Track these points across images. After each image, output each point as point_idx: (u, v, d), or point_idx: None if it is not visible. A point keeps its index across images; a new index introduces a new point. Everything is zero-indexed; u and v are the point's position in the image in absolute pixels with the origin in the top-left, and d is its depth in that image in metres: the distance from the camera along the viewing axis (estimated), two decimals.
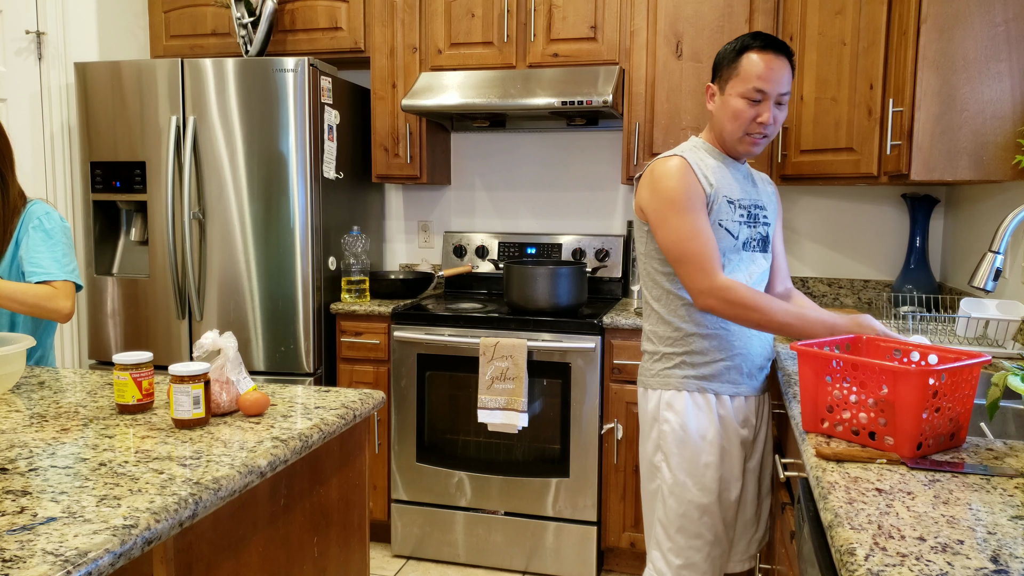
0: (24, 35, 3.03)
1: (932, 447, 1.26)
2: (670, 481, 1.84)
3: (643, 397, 1.92)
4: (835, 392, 1.36)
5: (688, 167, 1.77)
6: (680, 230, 1.74)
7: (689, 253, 1.72)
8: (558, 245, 3.29)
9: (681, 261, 1.74)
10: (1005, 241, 1.56)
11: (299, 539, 1.40)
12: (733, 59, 1.80)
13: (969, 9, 2.07)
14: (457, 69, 3.06)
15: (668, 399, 1.84)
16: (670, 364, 1.85)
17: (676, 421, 1.83)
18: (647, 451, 1.91)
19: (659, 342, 1.87)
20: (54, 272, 1.96)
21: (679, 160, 1.79)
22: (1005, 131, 2.08)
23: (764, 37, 1.79)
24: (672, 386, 1.84)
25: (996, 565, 0.88)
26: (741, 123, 1.80)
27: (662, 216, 1.77)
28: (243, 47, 3.15)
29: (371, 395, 1.63)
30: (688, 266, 1.73)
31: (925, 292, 2.76)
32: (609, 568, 2.92)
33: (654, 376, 1.88)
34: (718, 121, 1.85)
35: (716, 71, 1.86)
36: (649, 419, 1.89)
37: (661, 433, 1.85)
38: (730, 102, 1.80)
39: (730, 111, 1.80)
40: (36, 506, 1.02)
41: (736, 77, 1.79)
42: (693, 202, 1.75)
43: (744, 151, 1.85)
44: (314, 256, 2.92)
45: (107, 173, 3.01)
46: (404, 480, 2.93)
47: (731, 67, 1.80)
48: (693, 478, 1.82)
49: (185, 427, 1.38)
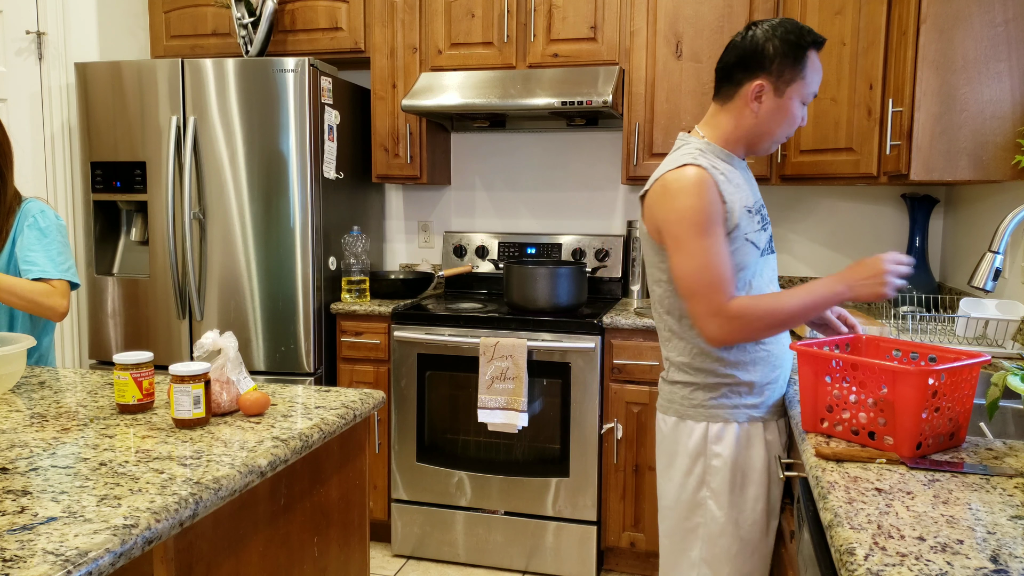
0: (24, 35, 3.03)
1: (932, 447, 1.26)
2: (721, 520, 1.66)
3: (678, 428, 1.69)
4: (835, 392, 1.36)
5: (709, 180, 1.54)
6: (695, 257, 1.53)
7: (702, 284, 1.53)
8: (558, 245, 3.29)
9: (691, 293, 1.55)
10: (1005, 241, 1.56)
11: (299, 539, 1.40)
12: (797, 58, 1.56)
13: (969, 9, 2.08)
14: (457, 69, 3.06)
15: (716, 432, 1.65)
16: (715, 394, 1.65)
17: (728, 455, 1.64)
18: (687, 486, 1.69)
19: (694, 373, 1.66)
20: (49, 270, 1.96)
21: (696, 172, 1.55)
22: (1005, 131, 2.08)
23: (815, 32, 1.59)
24: (721, 418, 1.64)
25: (996, 565, 0.88)
26: (793, 126, 1.63)
27: (678, 239, 1.55)
28: (243, 47, 3.15)
29: (371, 395, 1.63)
30: (698, 299, 1.54)
31: (925, 292, 2.77)
32: (609, 568, 2.92)
33: (696, 407, 1.66)
34: (764, 123, 1.61)
35: (766, 68, 1.57)
36: (691, 453, 1.67)
37: (710, 469, 1.66)
38: (788, 106, 1.59)
39: (787, 115, 1.60)
40: (36, 506, 1.02)
41: (801, 80, 1.58)
42: (712, 222, 1.54)
43: (765, 152, 1.69)
44: (314, 256, 2.92)
45: (107, 173, 3.01)
46: (404, 480, 2.94)
47: (795, 68, 1.57)
48: (743, 514, 1.66)
49: (185, 427, 1.38)
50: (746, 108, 1.61)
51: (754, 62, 1.58)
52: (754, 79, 1.59)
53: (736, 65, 1.61)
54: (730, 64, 1.62)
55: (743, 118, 1.62)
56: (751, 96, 1.59)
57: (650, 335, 2.71)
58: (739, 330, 1.53)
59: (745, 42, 1.60)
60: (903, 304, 2.73)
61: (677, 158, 1.61)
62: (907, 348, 1.48)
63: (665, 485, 1.75)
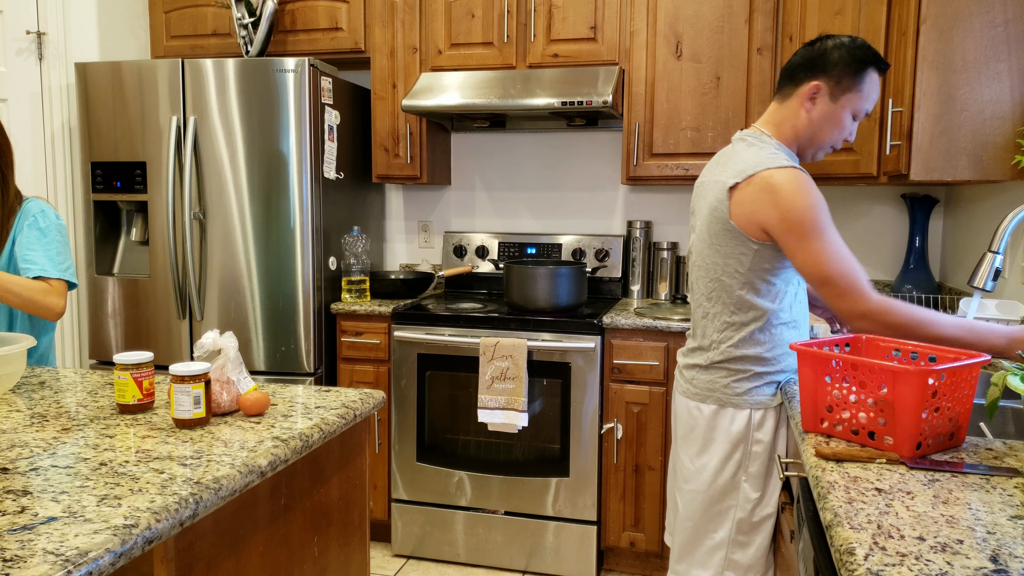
0: (25, 35, 3.03)
1: (931, 447, 1.26)
2: (754, 499, 1.77)
3: (718, 415, 1.77)
4: (835, 392, 1.36)
5: (811, 180, 1.64)
6: (826, 252, 1.60)
7: (839, 274, 1.59)
8: (558, 245, 3.29)
9: (830, 282, 1.60)
10: (1004, 241, 1.57)
11: (299, 539, 1.40)
12: (858, 70, 1.67)
13: (969, 9, 2.08)
14: (457, 69, 3.06)
15: (759, 419, 1.75)
16: (759, 383, 1.75)
17: (768, 440, 1.75)
18: (725, 471, 1.77)
19: (746, 362, 1.74)
20: (48, 269, 1.96)
21: (800, 174, 1.63)
22: (1004, 131, 2.08)
23: (881, 56, 1.71)
24: (762, 405, 1.75)
25: (995, 565, 0.88)
26: (840, 137, 1.72)
27: (803, 238, 1.61)
28: (243, 47, 3.15)
29: (371, 395, 1.63)
30: (836, 287, 1.59)
31: (925, 292, 2.77)
32: (609, 567, 2.93)
33: (740, 395, 1.75)
34: (815, 124, 1.71)
35: (827, 71, 1.68)
36: (733, 439, 1.76)
37: (750, 454, 1.76)
38: (840, 113, 1.69)
39: (838, 121, 1.70)
40: (37, 506, 1.02)
41: (856, 91, 1.68)
42: (828, 219, 1.62)
43: (816, 159, 1.78)
44: (314, 256, 2.92)
45: (108, 173, 3.01)
46: (404, 480, 2.94)
47: (853, 79, 1.67)
48: (768, 492, 1.77)
49: (186, 427, 1.38)
50: (800, 108, 1.70)
51: (817, 64, 1.68)
52: (813, 79, 1.68)
53: (800, 65, 1.71)
54: (795, 64, 1.72)
55: (797, 118, 1.71)
56: (806, 95, 1.68)
57: (650, 335, 2.71)
58: (883, 325, 1.57)
59: (814, 48, 1.70)
60: None
61: (766, 157, 1.66)
62: (907, 348, 1.48)
63: (697, 470, 1.80)
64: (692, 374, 1.82)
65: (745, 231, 1.68)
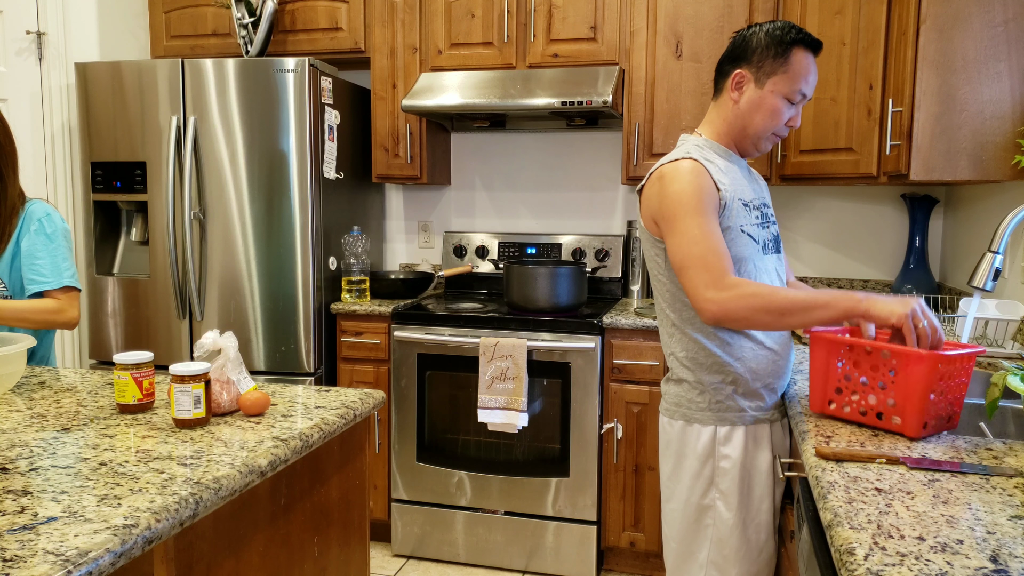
0: (25, 35, 3.03)
1: (932, 428, 1.36)
2: (730, 521, 1.67)
3: (686, 431, 1.70)
4: (845, 375, 1.44)
5: (702, 169, 1.58)
6: (688, 234, 1.53)
7: (695, 257, 1.52)
8: (558, 245, 3.29)
9: (684, 268, 1.53)
10: (1004, 241, 1.57)
11: (299, 539, 1.40)
12: (781, 52, 1.60)
13: (969, 9, 2.08)
14: (457, 69, 3.06)
15: (725, 435, 1.66)
16: (721, 396, 1.66)
17: (736, 457, 1.66)
18: (696, 489, 1.69)
19: (697, 369, 1.66)
20: (52, 281, 1.99)
21: (690, 162, 1.58)
22: (1004, 131, 2.08)
23: (807, 33, 1.63)
24: (728, 421, 1.66)
25: (995, 565, 0.88)
26: (775, 123, 1.64)
27: (670, 221, 1.57)
28: (243, 47, 3.15)
29: (371, 395, 1.63)
30: (692, 272, 1.52)
31: (925, 292, 2.77)
32: (609, 567, 2.93)
33: (704, 410, 1.67)
34: (744, 114, 1.65)
35: (748, 58, 1.63)
36: (700, 455, 1.68)
37: (719, 471, 1.67)
38: (769, 99, 1.62)
39: (768, 108, 1.63)
40: (37, 506, 1.02)
41: (783, 73, 1.61)
42: (705, 204, 1.55)
43: (760, 150, 1.70)
44: (314, 256, 2.92)
45: (107, 173, 3.01)
46: (404, 480, 2.94)
47: (777, 61, 1.61)
48: (750, 514, 1.68)
49: (186, 427, 1.38)
50: (728, 100, 1.68)
51: (738, 54, 1.66)
52: (735, 68, 1.66)
53: (726, 57, 1.70)
54: (723, 58, 1.71)
55: (726, 109, 1.68)
56: (732, 86, 1.66)
57: (650, 335, 2.71)
58: (734, 301, 1.49)
59: (737, 38, 1.68)
60: None
61: (674, 153, 1.67)
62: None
63: (673, 488, 1.75)
64: (664, 387, 1.78)
65: (650, 231, 1.67)
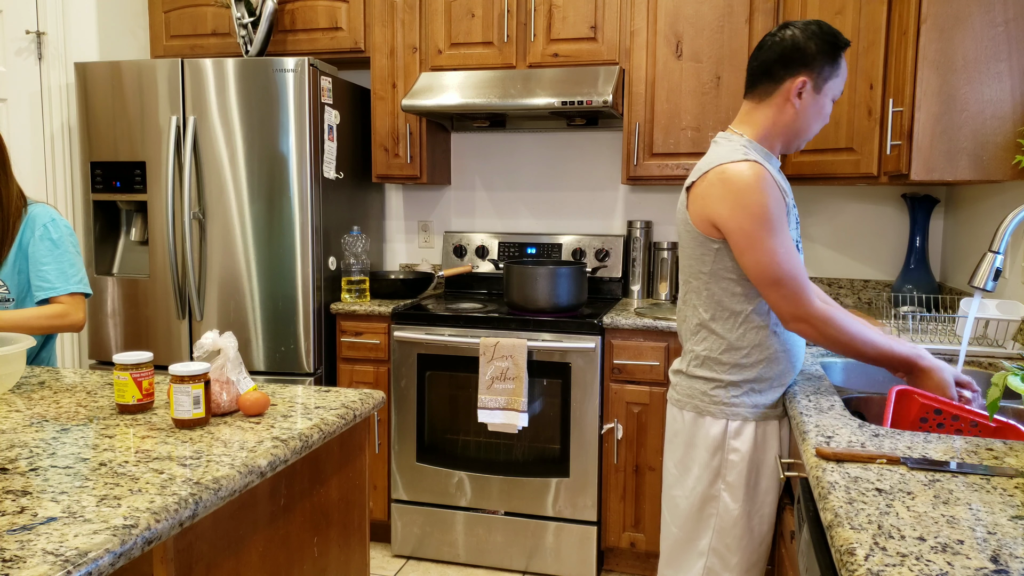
0: (24, 35, 3.03)
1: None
2: (735, 512, 1.71)
3: (696, 423, 1.74)
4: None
5: (769, 176, 1.58)
6: (776, 252, 1.56)
7: (786, 276, 1.57)
8: (558, 245, 3.29)
9: (778, 284, 1.58)
10: (1005, 241, 1.56)
11: (299, 539, 1.40)
12: (835, 57, 1.63)
13: (969, 9, 2.07)
14: (457, 69, 3.06)
15: (736, 428, 1.70)
16: (737, 392, 1.69)
17: (745, 451, 1.70)
18: (703, 479, 1.73)
19: (721, 369, 1.70)
20: (59, 287, 2.01)
21: (758, 168, 1.58)
22: (1005, 131, 2.08)
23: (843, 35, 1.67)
24: (740, 416, 1.69)
25: (996, 565, 0.88)
26: (823, 124, 1.70)
27: (752, 236, 1.57)
28: (243, 47, 3.15)
29: (371, 395, 1.63)
30: (784, 289, 1.58)
31: (925, 292, 2.76)
32: (609, 568, 2.92)
33: (717, 404, 1.71)
34: (804, 119, 1.67)
35: (808, 64, 1.63)
36: (710, 448, 1.72)
37: (727, 463, 1.71)
38: (825, 103, 1.66)
39: (823, 111, 1.67)
40: (36, 506, 1.02)
41: (836, 78, 1.65)
42: (783, 219, 1.58)
43: (796, 149, 1.75)
44: (314, 256, 2.92)
45: (107, 173, 3.01)
46: (404, 480, 2.94)
47: (832, 66, 1.64)
48: (755, 507, 1.72)
49: (185, 427, 1.38)
50: (787, 104, 1.65)
51: (796, 59, 1.63)
52: (797, 75, 1.63)
53: (777, 62, 1.65)
54: (770, 61, 1.66)
55: (783, 114, 1.66)
56: (794, 92, 1.64)
57: (650, 335, 2.71)
58: (828, 326, 1.59)
59: (785, 41, 1.64)
60: (903, 304, 2.73)
61: (727, 152, 1.62)
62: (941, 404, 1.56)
63: (679, 476, 1.79)
64: (676, 380, 1.81)
65: (701, 230, 1.65)
